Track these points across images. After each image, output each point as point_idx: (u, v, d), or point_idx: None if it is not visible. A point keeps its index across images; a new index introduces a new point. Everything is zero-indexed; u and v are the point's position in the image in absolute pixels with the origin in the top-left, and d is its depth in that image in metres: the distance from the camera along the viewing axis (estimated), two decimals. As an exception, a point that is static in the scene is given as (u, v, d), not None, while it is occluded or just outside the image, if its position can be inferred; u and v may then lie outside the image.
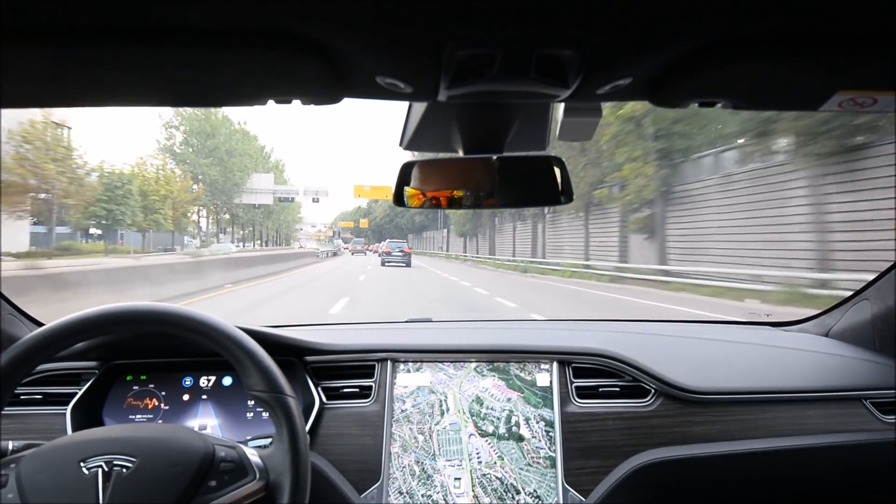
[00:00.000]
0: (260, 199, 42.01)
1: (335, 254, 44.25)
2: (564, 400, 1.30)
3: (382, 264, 26.28)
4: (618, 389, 1.32)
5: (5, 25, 0.51)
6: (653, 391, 1.30)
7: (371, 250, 48.96)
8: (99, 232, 29.52)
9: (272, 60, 0.58)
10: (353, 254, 49.55)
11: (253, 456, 0.89)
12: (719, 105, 0.70)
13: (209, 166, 39.73)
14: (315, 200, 43.73)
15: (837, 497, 1.33)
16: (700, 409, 1.28)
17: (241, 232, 51.49)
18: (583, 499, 1.22)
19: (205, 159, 39.76)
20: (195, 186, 38.51)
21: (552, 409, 1.29)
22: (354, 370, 1.35)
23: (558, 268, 21.47)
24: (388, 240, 34.99)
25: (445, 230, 52.52)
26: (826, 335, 1.53)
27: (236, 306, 9.58)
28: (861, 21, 0.54)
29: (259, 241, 54.28)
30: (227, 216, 46.19)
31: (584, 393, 1.31)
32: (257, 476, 0.87)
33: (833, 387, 1.31)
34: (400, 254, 26.68)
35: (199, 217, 43.58)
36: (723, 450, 1.25)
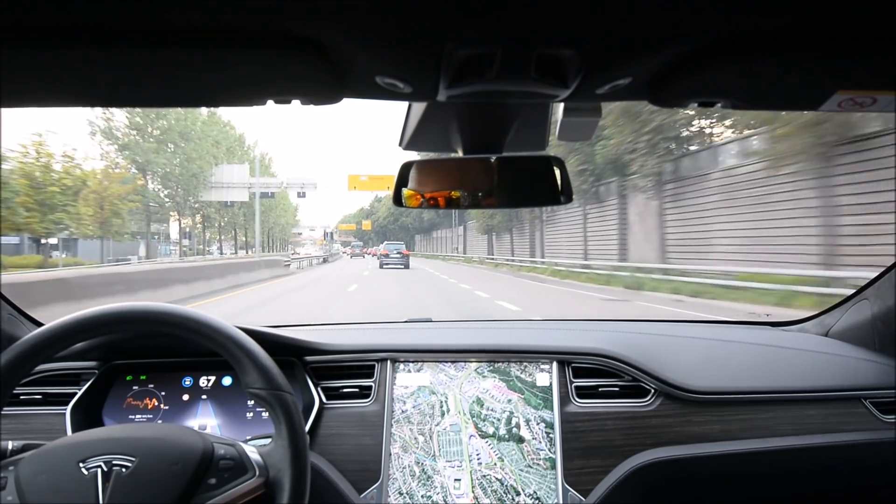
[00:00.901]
0: (232, 195, 33.59)
1: (325, 260, 36.28)
2: (564, 400, 1.30)
3: (381, 266, 26.57)
4: (617, 389, 1.32)
5: (5, 25, 0.51)
6: (652, 391, 1.30)
7: (370, 253, 48.59)
8: (53, 241, 23.03)
9: (272, 60, 0.58)
10: (352, 257, 49.71)
11: (252, 453, 0.89)
12: (719, 105, 0.70)
13: (157, 153, 31.00)
14: (301, 195, 36.09)
15: (837, 497, 1.33)
16: (700, 408, 1.28)
17: (219, 236, 43.40)
18: (582, 498, 1.22)
19: (150, 144, 30.75)
20: (145, 178, 30.65)
21: (552, 410, 1.29)
22: (354, 370, 1.35)
23: (729, 281, 11.18)
24: (385, 242, 35.03)
25: (461, 227, 45.00)
26: (826, 335, 1.52)
27: None
28: (861, 21, 0.54)
29: (250, 248, 46.52)
30: (199, 217, 37.95)
31: (583, 393, 1.31)
32: (257, 473, 0.87)
33: (833, 386, 1.31)
34: (398, 255, 27.38)
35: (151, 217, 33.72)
36: (722, 450, 1.25)
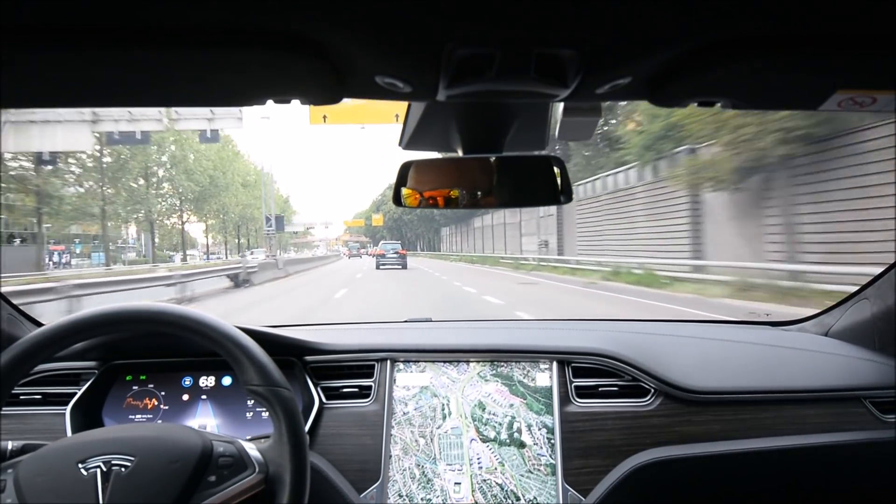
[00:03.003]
0: (58, 139, 15.74)
1: (238, 282, 15.92)
2: (564, 400, 1.30)
3: (377, 266, 26.58)
4: (617, 389, 1.32)
5: (5, 25, 0.51)
6: (652, 391, 1.30)
7: (370, 255, 48.90)
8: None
9: (272, 60, 0.58)
10: (349, 258, 51.41)
11: (252, 450, 0.90)
12: (719, 105, 0.70)
13: None
14: (208, 136, 19.12)
15: (837, 496, 1.33)
16: (700, 408, 1.28)
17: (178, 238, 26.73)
18: (582, 498, 1.22)
19: None
20: None
21: (553, 415, 1.29)
22: (354, 370, 1.35)
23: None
24: (381, 242, 35.08)
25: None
26: (826, 334, 1.52)
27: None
28: (861, 21, 0.54)
29: (230, 253, 32.00)
30: (28, 198, 21.72)
31: (583, 392, 1.31)
32: (257, 469, 0.87)
33: (833, 386, 1.31)
34: (395, 255, 27.54)
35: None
36: (722, 449, 1.25)
